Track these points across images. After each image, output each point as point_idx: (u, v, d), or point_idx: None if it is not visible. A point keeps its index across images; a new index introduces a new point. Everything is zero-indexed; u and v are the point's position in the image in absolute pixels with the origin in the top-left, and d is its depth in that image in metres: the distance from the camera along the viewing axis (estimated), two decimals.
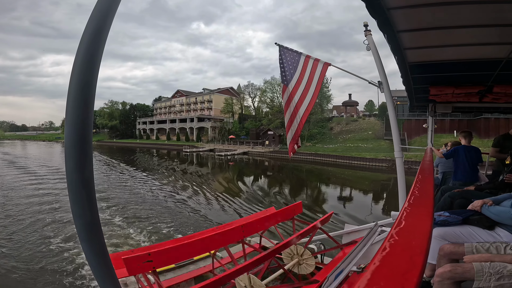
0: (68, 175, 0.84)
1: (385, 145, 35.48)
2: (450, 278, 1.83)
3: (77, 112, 0.82)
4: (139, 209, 12.04)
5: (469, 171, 4.34)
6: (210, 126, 60.01)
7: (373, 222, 4.71)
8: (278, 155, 38.31)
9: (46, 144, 78.17)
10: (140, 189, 16.75)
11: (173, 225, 10.07)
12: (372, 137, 39.05)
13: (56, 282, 5.87)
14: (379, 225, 4.41)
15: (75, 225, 0.88)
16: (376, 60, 4.16)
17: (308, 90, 4.85)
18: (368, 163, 30.19)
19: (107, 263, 0.96)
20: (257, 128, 49.83)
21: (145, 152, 48.53)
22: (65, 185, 7.05)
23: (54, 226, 9.56)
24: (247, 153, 43.09)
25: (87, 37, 0.83)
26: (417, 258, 0.48)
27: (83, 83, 0.82)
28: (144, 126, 77.82)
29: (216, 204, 13.82)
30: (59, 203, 12.59)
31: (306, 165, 31.97)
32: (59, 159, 34.77)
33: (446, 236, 2.33)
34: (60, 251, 7.47)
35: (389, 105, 4.25)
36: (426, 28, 2.62)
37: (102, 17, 0.84)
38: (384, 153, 31.75)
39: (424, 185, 1.17)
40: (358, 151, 34.22)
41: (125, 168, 27.70)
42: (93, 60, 0.84)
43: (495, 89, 4.06)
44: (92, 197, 0.88)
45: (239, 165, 32.77)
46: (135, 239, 8.61)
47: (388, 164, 28.25)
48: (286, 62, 5.10)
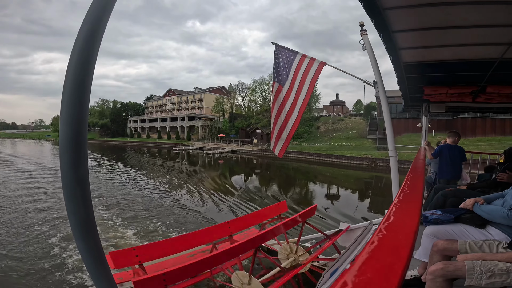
0: (63, 173, 0.84)
1: (368, 144, 36.33)
2: (442, 276, 1.86)
3: (72, 110, 0.82)
4: (130, 205, 12.40)
5: (452, 168, 4.53)
6: (200, 124, 60.60)
7: (368, 221, 4.75)
8: (265, 154, 38.93)
9: (36, 142, 77.55)
10: (128, 184, 17.40)
11: (154, 215, 10.69)
12: (356, 136, 39.89)
13: (49, 280, 5.84)
14: (373, 223, 4.46)
15: (69, 222, 0.88)
16: (371, 60, 4.19)
17: (302, 89, 4.87)
18: (350, 161, 31.07)
19: (102, 261, 0.96)
20: (246, 127, 50.58)
21: (136, 151, 48.88)
22: (54, 182, 6.92)
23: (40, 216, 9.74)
24: (235, 151, 43.75)
25: (83, 35, 0.83)
26: (403, 251, 0.50)
27: (78, 82, 0.82)
28: (135, 124, 77.99)
29: (198, 196, 14.60)
30: (50, 198, 12.78)
31: (292, 163, 32.43)
32: (49, 156, 35.50)
33: (439, 234, 2.36)
34: (48, 245, 7.50)
35: (383, 104, 4.29)
36: (422, 28, 2.65)
37: (98, 15, 0.85)
38: (365, 152, 32.42)
39: (414, 182, 1.19)
40: (341, 150, 34.93)
41: (116, 164, 28.30)
42: (89, 59, 0.84)
43: (488, 89, 4.11)
44: (87, 195, 0.88)
45: (228, 163, 33.39)
46: (121, 231, 8.89)
47: (368, 163, 29.14)
48: (281, 61, 5.13)
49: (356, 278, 0.42)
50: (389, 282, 0.40)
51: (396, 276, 0.41)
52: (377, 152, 31.89)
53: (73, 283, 5.70)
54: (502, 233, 2.23)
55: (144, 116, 78.69)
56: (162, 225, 9.62)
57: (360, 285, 0.40)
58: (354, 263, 0.46)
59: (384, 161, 27.24)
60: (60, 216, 10.16)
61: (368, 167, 28.13)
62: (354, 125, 43.03)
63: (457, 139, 4.66)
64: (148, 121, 74.83)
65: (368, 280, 0.41)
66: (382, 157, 28.35)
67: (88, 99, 0.86)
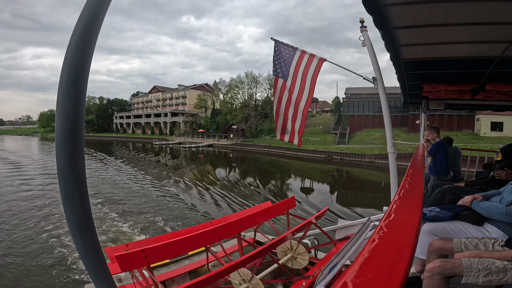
0: (59, 169, 0.83)
1: (330, 138, 38.94)
2: (439, 274, 1.87)
3: (68, 105, 0.80)
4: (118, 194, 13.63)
5: (446, 165, 4.50)
6: (182, 120, 63.03)
7: (366, 217, 4.78)
8: (239, 148, 42.26)
9: (23, 138, 78.62)
10: (107, 174, 19.12)
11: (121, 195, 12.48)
12: (321, 131, 42.33)
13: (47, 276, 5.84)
14: (371, 220, 4.48)
15: (66, 219, 0.87)
16: (371, 57, 4.18)
17: (305, 85, 4.92)
18: (310, 154, 33.14)
19: (100, 258, 0.95)
20: (226, 123, 52.92)
21: (121, 145, 51.39)
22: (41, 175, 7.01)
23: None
24: (212, 145, 46.66)
25: (80, 29, 0.81)
26: (405, 251, 0.49)
27: (74, 77, 0.81)
28: (121, 120, 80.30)
29: (167, 183, 16.48)
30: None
31: (263, 156, 34.95)
32: (36, 151, 37.51)
33: (436, 232, 2.37)
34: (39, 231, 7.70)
35: (383, 101, 4.28)
36: (422, 25, 2.63)
37: (95, 9, 0.83)
38: (324, 146, 34.79)
39: (414, 179, 1.19)
40: (307, 144, 36.55)
41: (102, 155, 31.73)
42: (85, 54, 0.82)
43: (488, 86, 4.11)
44: (84, 192, 0.87)
45: (207, 157, 35.77)
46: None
47: (325, 156, 31.47)
48: (282, 56, 5.14)
49: (357, 279, 0.41)
50: (392, 282, 0.40)
51: (399, 276, 0.41)
52: (334, 146, 34.51)
53: (72, 279, 5.71)
54: (499, 231, 2.24)
55: (130, 112, 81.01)
56: (142, 204, 11.12)
57: (361, 285, 0.40)
58: (355, 263, 0.46)
59: (338, 154, 30.79)
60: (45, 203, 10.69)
61: (325, 160, 30.69)
62: (323, 121, 45.54)
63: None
64: (134, 117, 77.37)
65: (370, 280, 0.41)
66: (338, 151, 31.59)
67: (85, 94, 0.85)
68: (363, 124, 39.59)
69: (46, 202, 11.32)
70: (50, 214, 9.82)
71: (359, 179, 22.09)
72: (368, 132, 38.07)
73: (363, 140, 35.90)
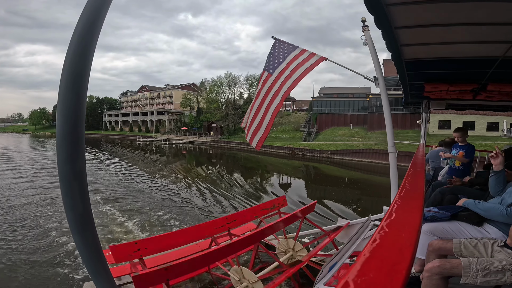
0: (59, 167, 0.83)
1: (299, 136, 41.19)
2: (438, 274, 1.87)
3: (69, 103, 0.80)
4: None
5: None
6: (167, 119, 66.42)
7: (366, 217, 4.78)
8: (218, 144, 46.22)
9: (14, 135, 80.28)
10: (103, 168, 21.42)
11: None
12: (292, 129, 44.96)
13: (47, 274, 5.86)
14: (371, 219, 4.48)
15: (66, 217, 0.87)
16: (372, 56, 4.17)
17: (291, 76, 4.72)
18: (276, 150, 36.11)
19: (100, 255, 0.95)
20: (208, 121, 56.84)
21: (109, 142, 54.04)
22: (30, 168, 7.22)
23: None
24: (192, 142, 50.40)
25: (81, 28, 0.81)
26: (406, 251, 0.49)
27: (75, 74, 0.81)
28: (110, 118, 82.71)
29: (142, 176, 18.64)
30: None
31: (239, 152, 37.56)
32: (26, 147, 40.30)
33: (435, 232, 2.37)
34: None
35: (384, 100, 4.27)
36: (424, 25, 2.62)
37: (96, 8, 0.83)
38: (289, 142, 37.45)
39: (415, 179, 1.18)
40: (277, 141, 39.29)
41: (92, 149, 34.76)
42: (86, 52, 0.82)
43: (489, 87, 4.09)
44: (84, 189, 0.87)
45: (189, 153, 38.30)
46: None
47: (289, 152, 34.57)
48: (278, 52, 5.03)
49: (359, 278, 0.41)
50: (393, 281, 0.40)
51: (401, 276, 0.41)
52: (298, 143, 36.86)
53: (72, 277, 5.73)
54: (499, 232, 2.24)
55: (119, 111, 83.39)
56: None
57: (363, 284, 0.40)
58: (357, 262, 0.45)
59: (300, 150, 33.87)
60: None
61: (289, 155, 33.66)
62: (297, 119, 47.83)
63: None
64: (122, 115, 79.66)
65: (371, 279, 0.41)
66: (300, 147, 34.46)
67: (86, 92, 0.85)
68: (330, 122, 42.19)
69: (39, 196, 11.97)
70: (44, 208, 10.29)
71: (325, 175, 23.68)
72: (333, 130, 40.45)
73: (327, 137, 38.00)
